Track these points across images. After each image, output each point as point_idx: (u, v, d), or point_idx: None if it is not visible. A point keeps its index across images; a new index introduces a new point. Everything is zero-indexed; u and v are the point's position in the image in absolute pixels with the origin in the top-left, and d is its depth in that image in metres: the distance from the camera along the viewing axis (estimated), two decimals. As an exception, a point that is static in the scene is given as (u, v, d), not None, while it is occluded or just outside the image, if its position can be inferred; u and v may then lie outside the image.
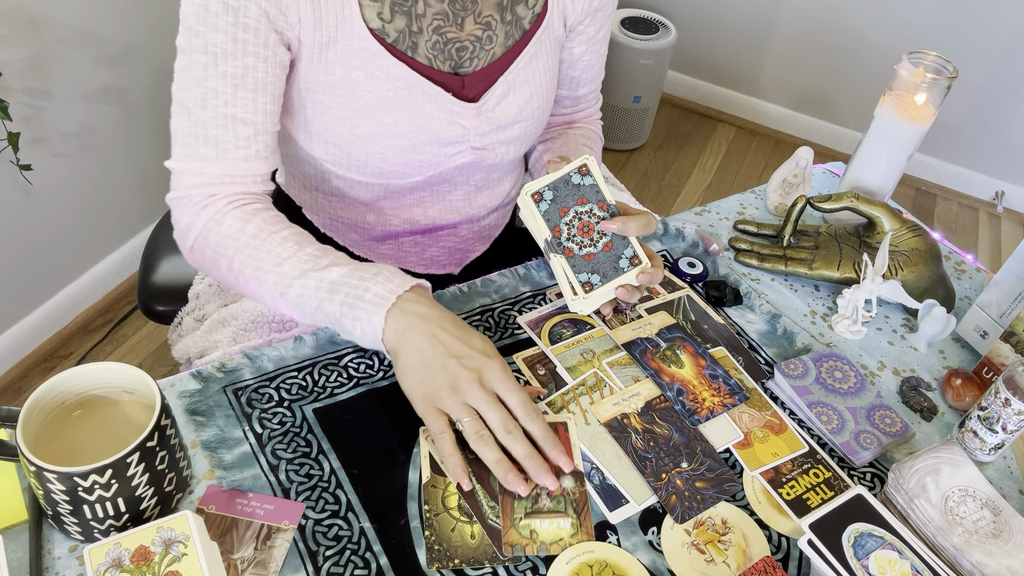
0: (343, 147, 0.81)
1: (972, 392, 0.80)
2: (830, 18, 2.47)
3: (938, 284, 0.92)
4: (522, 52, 0.84)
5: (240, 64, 0.72)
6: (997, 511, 0.67)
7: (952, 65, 0.92)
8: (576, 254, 0.78)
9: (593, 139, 1.00)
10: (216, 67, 0.72)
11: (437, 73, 0.80)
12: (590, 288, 0.77)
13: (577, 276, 0.78)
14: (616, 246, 0.78)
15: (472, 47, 0.80)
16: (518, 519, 0.65)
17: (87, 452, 0.59)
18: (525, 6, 0.82)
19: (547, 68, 0.87)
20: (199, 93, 0.73)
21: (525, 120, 0.87)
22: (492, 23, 0.80)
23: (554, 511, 0.65)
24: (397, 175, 0.85)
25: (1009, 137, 2.43)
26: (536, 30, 0.84)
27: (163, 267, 1.07)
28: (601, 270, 0.78)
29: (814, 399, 0.77)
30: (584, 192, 0.78)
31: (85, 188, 1.72)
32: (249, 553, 0.61)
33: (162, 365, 1.77)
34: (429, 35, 0.78)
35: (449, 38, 0.79)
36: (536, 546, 0.63)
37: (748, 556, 0.65)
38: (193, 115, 0.74)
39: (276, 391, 0.73)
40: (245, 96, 0.74)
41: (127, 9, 1.66)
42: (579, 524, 0.65)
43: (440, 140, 0.82)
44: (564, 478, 0.68)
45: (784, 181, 1.04)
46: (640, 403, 0.75)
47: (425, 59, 0.79)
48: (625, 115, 2.52)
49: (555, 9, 0.85)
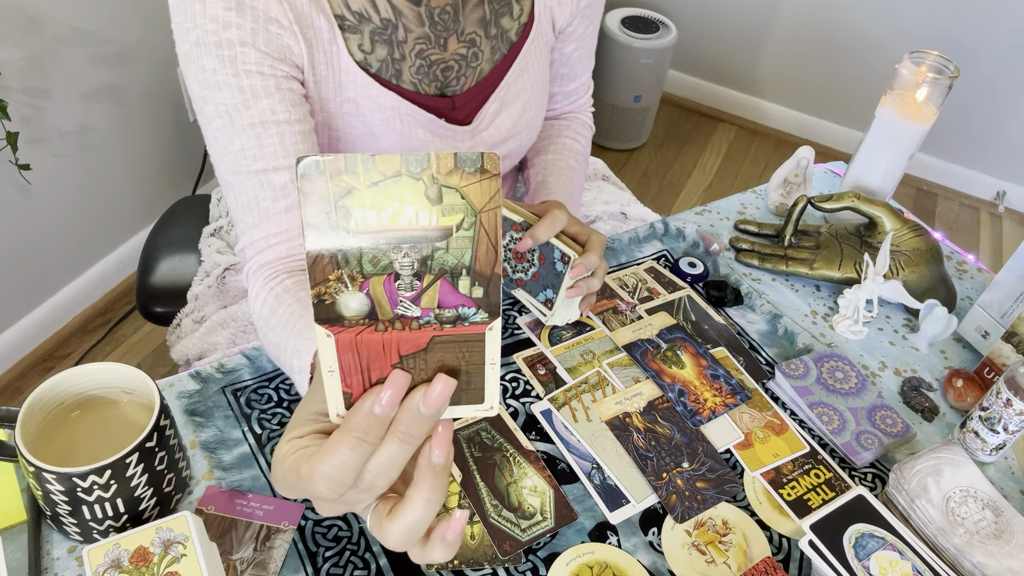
0: None
1: (973, 392, 0.80)
2: (831, 17, 2.47)
3: (939, 284, 0.92)
4: (512, 66, 0.82)
5: (255, 113, 0.68)
6: (998, 512, 0.67)
7: (953, 64, 0.92)
8: (526, 281, 0.80)
9: (581, 130, 0.99)
10: (233, 125, 0.68)
11: (425, 98, 0.79)
12: (551, 304, 0.78)
13: (536, 298, 0.79)
14: (547, 255, 0.77)
15: (458, 66, 0.79)
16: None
17: (86, 452, 0.59)
18: (510, 17, 0.81)
19: (538, 77, 0.86)
20: (231, 161, 0.69)
21: (520, 134, 0.86)
22: (477, 39, 0.79)
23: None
24: None
25: (1010, 137, 2.43)
26: (524, 41, 0.83)
27: (161, 268, 1.06)
28: (549, 283, 0.78)
29: (815, 399, 0.77)
30: None
31: (84, 188, 1.72)
32: (248, 554, 0.61)
33: (161, 365, 1.77)
34: (412, 60, 0.76)
35: (433, 60, 0.77)
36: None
37: (749, 557, 0.65)
38: (234, 186, 0.70)
39: (275, 391, 0.72)
40: (271, 144, 0.69)
41: (126, 9, 1.66)
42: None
43: None
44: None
45: (785, 181, 1.04)
46: (642, 403, 0.75)
47: (411, 84, 0.78)
48: (625, 115, 2.51)
49: (543, 16, 0.83)
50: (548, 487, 0.67)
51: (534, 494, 0.67)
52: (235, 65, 0.67)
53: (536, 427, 0.73)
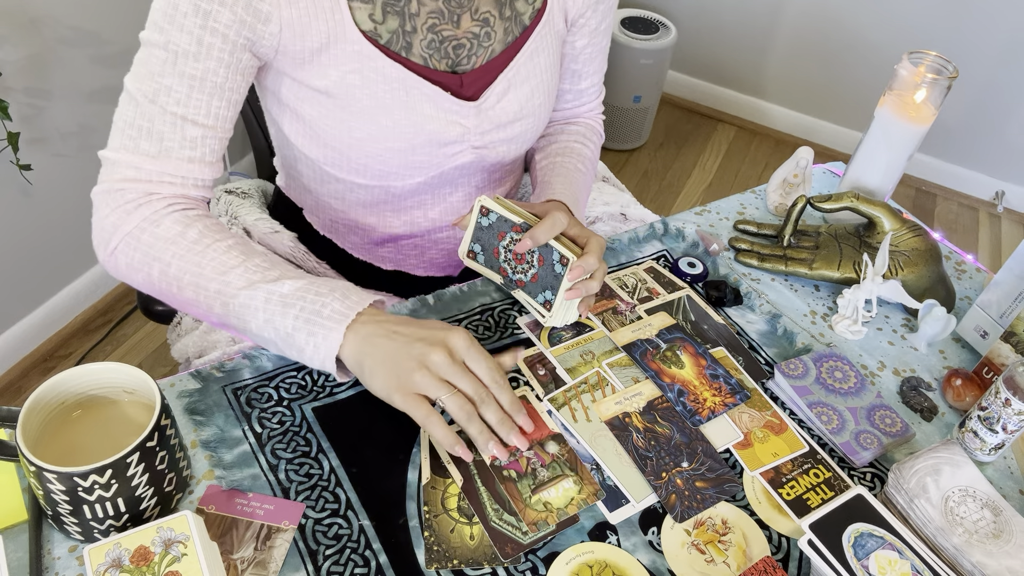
0: (342, 150, 0.81)
1: (972, 392, 0.80)
2: (830, 18, 2.47)
3: (938, 284, 0.92)
4: (522, 48, 0.83)
5: (201, 67, 0.70)
6: (997, 511, 0.67)
7: (952, 65, 0.92)
8: (526, 282, 0.80)
9: (591, 136, 1.00)
10: (175, 65, 0.70)
11: (433, 72, 0.79)
12: (549, 306, 0.79)
13: (536, 299, 0.80)
14: (546, 257, 0.78)
15: (470, 44, 0.80)
16: (528, 498, 0.66)
17: (87, 452, 0.59)
18: (525, 1, 0.82)
19: (548, 64, 0.87)
20: (151, 88, 0.70)
21: (526, 118, 0.86)
22: (490, 19, 0.80)
23: (554, 477, 0.68)
24: (397, 176, 0.85)
25: (1009, 137, 2.43)
26: (536, 25, 0.83)
27: (163, 267, 1.06)
28: (548, 284, 0.78)
29: (814, 399, 0.77)
30: (497, 228, 0.80)
31: (85, 188, 1.72)
32: (249, 553, 0.61)
33: (162, 365, 1.77)
34: (424, 34, 0.77)
35: (445, 36, 0.78)
36: (555, 514, 0.65)
37: (748, 556, 0.65)
38: (140, 107, 0.71)
39: (276, 390, 0.73)
40: (200, 98, 0.71)
41: (127, 9, 1.66)
42: (580, 479, 0.68)
43: (440, 140, 0.82)
44: (547, 443, 0.70)
45: (784, 181, 1.04)
46: (642, 402, 0.75)
47: (420, 59, 0.78)
48: (625, 115, 2.52)
49: (555, 4, 0.84)
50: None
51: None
52: (206, 19, 0.68)
53: (536, 427, 0.73)
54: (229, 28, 0.69)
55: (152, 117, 0.71)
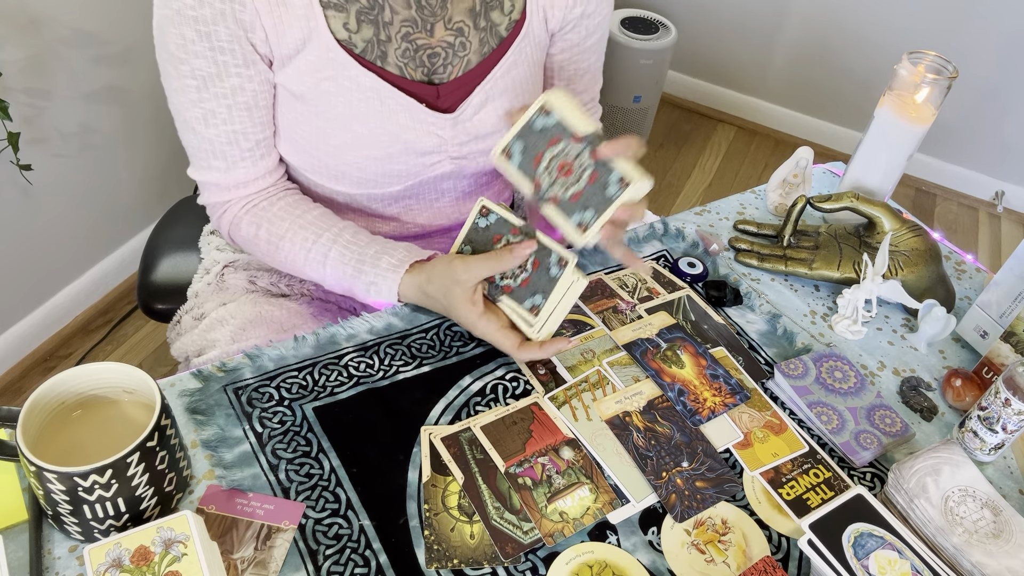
0: (320, 157, 0.82)
1: (972, 392, 0.80)
2: (830, 18, 2.47)
3: (938, 284, 0.92)
4: (500, 61, 0.82)
5: (227, 85, 0.76)
6: (997, 511, 0.67)
7: (952, 65, 0.92)
8: (513, 287, 0.76)
9: None
10: (208, 90, 0.76)
11: (410, 83, 0.79)
12: (537, 311, 0.75)
13: (523, 305, 0.75)
14: (541, 260, 0.74)
15: (444, 54, 0.79)
16: (544, 508, 0.66)
17: (87, 452, 0.59)
18: (501, 12, 0.81)
19: (528, 77, 0.86)
20: (200, 114, 0.78)
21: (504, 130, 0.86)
22: (464, 29, 0.79)
23: (570, 484, 0.67)
24: (376, 184, 0.85)
25: (1009, 137, 2.43)
26: (515, 38, 0.82)
27: (163, 265, 1.07)
28: (539, 288, 0.75)
29: (814, 399, 0.77)
30: (552, 132, 0.74)
31: (85, 188, 1.72)
32: (249, 553, 0.61)
33: (162, 365, 1.77)
34: (398, 43, 0.77)
35: (419, 45, 0.78)
36: (571, 524, 0.65)
37: (748, 556, 0.65)
38: (199, 134, 0.80)
39: (276, 390, 0.73)
40: (241, 115, 0.78)
41: (127, 9, 1.66)
42: (596, 487, 0.67)
43: (416, 150, 0.82)
44: (562, 449, 0.70)
45: (784, 181, 1.04)
46: (642, 402, 0.75)
47: (396, 68, 0.78)
48: (625, 115, 2.52)
49: (535, 15, 0.83)
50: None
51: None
52: (210, 40, 0.73)
53: (536, 427, 0.73)
54: (231, 43, 0.74)
55: (211, 140, 0.80)
